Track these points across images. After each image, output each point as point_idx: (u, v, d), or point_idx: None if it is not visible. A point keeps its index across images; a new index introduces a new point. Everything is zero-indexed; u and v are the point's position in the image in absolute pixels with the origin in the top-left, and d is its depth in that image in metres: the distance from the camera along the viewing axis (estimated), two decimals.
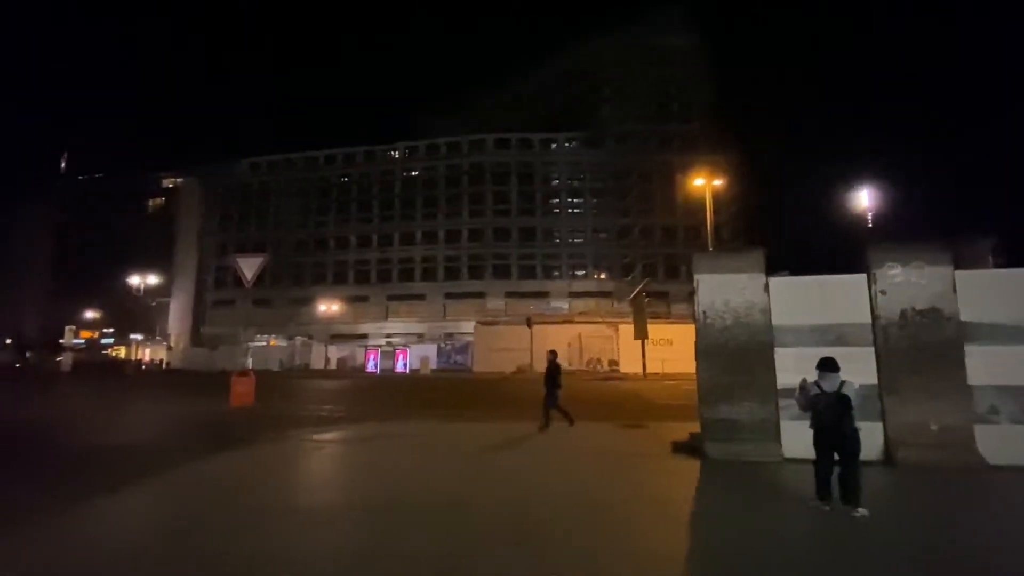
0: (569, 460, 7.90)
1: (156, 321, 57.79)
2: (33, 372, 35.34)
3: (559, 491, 6.12)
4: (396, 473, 7.47)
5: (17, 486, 6.66)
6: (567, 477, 6.86)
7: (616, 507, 5.46)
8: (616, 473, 7.03)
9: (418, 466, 7.86)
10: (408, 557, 4.20)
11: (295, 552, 4.37)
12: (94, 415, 14.31)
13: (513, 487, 6.46)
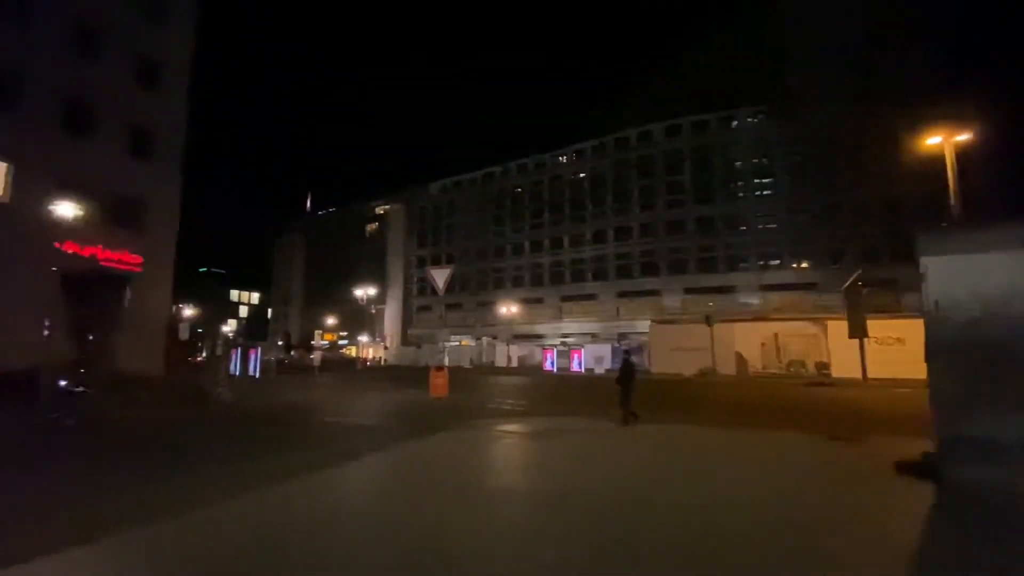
0: (764, 472, 7.12)
1: (375, 325, 69.42)
2: (297, 366, 45.78)
3: (749, 505, 5.57)
4: (575, 465, 7.72)
5: (280, 454, 8.76)
6: (758, 491, 6.20)
7: (816, 532, 4.75)
8: (819, 492, 6.10)
9: (598, 460, 7.98)
10: (583, 543, 4.34)
11: (482, 524, 4.88)
12: (335, 399, 17.92)
13: (698, 493, 6.11)
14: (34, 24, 18.40)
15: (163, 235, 22.44)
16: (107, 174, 20.04)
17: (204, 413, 13.91)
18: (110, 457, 8.62)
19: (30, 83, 18.17)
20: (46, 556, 4.02)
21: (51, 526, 4.96)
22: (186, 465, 7.84)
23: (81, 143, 19.55)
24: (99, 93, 20.21)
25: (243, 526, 4.92)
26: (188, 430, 11.34)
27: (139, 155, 21.65)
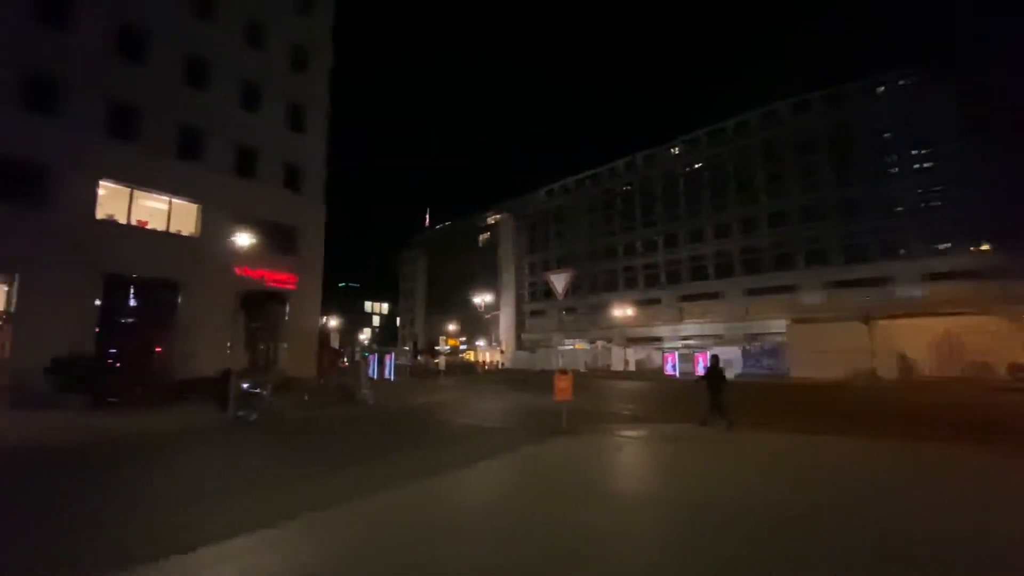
0: (949, 495, 6.04)
1: (491, 330, 72.08)
2: (422, 370, 49.22)
3: (925, 535, 4.76)
4: (705, 472, 7.25)
5: (422, 450, 9.43)
6: (937, 515, 5.27)
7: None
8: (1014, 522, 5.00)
9: (728, 470, 7.42)
10: (726, 556, 4.05)
11: (608, 528, 4.79)
12: (462, 402, 18.92)
13: (863, 516, 5.38)
14: (213, 90, 22.27)
15: (313, 257, 25.65)
16: (268, 207, 23.46)
17: (353, 412, 15.55)
18: (284, 448, 10.03)
19: (213, 138, 22.02)
20: (246, 534, 4.78)
21: (247, 507, 5.88)
22: (347, 457, 8.84)
23: (249, 183, 23.17)
24: (262, 140, 23.81)
25: (395, 517, 5.39)
26: (343, 427, 12.77)
27: (292, 189, 25.07)
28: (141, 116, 19.83)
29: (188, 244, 20.95)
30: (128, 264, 19.04)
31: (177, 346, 20.30)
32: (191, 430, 12.03)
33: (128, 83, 19.45)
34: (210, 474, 7.79)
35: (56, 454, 9.13)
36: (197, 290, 20.83)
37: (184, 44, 21.28)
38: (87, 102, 18.41)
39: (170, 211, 20.79)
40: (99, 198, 18.67)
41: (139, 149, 19.60)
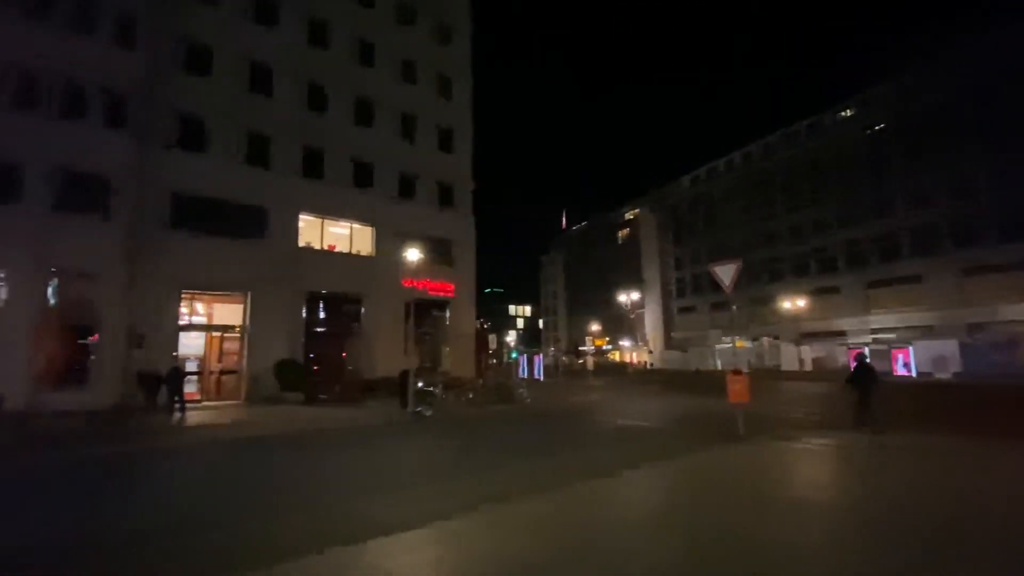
0: None
1: (637, 329, 69.73)
2: (567, 370, 49.59)
3: None
4: (931, 492, 5.93)
5: (585, 450, 9.36)
6: None
7: None
8: None
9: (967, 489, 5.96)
10: None
11: (808, 542, 4.13)
12: (616, 403, 18.53)
13: None
14: (378, 126, 25.34)
15: (466, 266, 27.59)
16: (427, 224, 25.85)
17: (513, 410, 16.26)
18: (459, 442, 10.85)
19: (380, 168, 25.04)
20: (442, 520, 5.19)
21: (432, 497, 6.42)
22: (516, 453, 9.22)
23: (410, 204, 25.83)
24: (419, 165, 26.40)
25: (571, 516, 5.39)
26: (507, 423, 13.41)
27: (445, 205, 27.32)
28: (326, 157, 23.42)
29: (366, 262, 24.08)
30: (323, 283, 22.55)
31: (362, 351, 23.48)
32: (381, 423, 13.72)
33: (315, 131, 23.14)
34: (399, 464, 8.74)
35: (285, 440, 11.13)
36: (375, 302, 23.83)
37: (354, 90, 24.61)
38: (287, 151, 22.35)
39: (351, 235, 24.17)
40: (300, 229, 22.48)
41: (326, 185, 23.17)
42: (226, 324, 21.07)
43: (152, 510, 6.07)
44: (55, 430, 10.87)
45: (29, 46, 17.01)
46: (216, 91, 20.72)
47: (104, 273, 17.44)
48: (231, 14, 21.47)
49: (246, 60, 21.61)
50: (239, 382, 20.58)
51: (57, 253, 16.67)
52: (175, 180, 19.24)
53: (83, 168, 17.42)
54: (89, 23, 18.28)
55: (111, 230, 17.67)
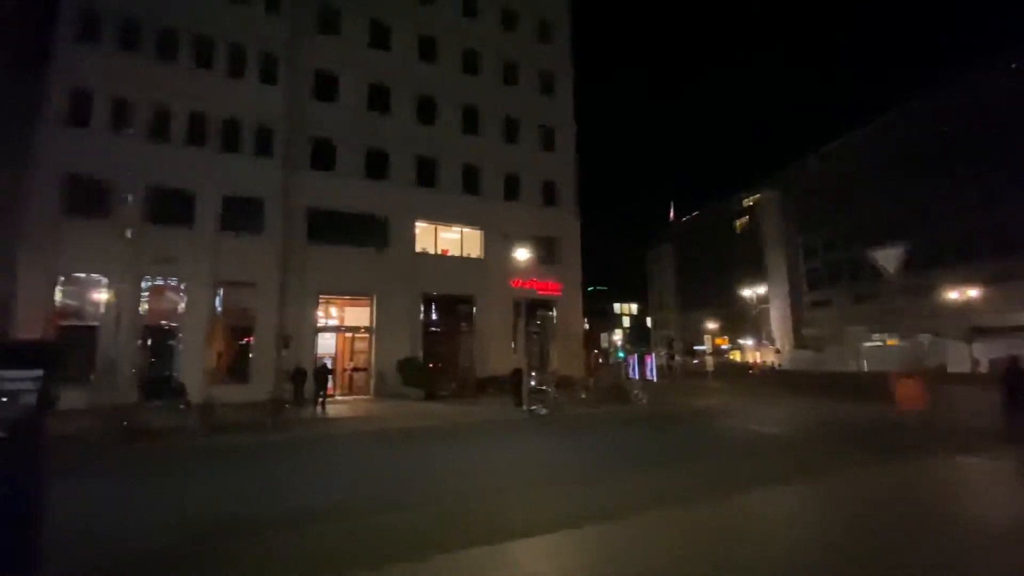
0: None
1: (760, 326, 63.88)
2: (681, 371, 46.81)
3: None
4: None
5: (712, 458, 8.58)
6: None
7: None
8: None
9: None
10: None
11: None
12: (740, 406, 16.99)
13: None
14: (484, 132, 26.10)
15: (572, 264, 27.33)
16: (532, 224, 26.02)
17: (630, 411, 15.65)
18: (580, 443, 10.62)
19: (486, 172, 25.76)
20: (571, 527, 5.00)
21: (566, 501, 6.25)
22: (645, 456, 8.79)
23: (516, 205, 26.21)
24: (522, 166, 26.72)
25: (726, 531, 4.88)
26: (628, 426, 12.91)
27: (549, 204, 27.32)
28: (437, 166, 24.66)
29: (476, 264, 24.92)
30: (437, 285, 23.75)
31: (474, 349, 24.32)
32: (499, 420, 14.01)
33: (427, 142, 24.46)
34: (525, 462, 8.76)
35: (417, 433, 11.78)
36: (485, 302, 24.56)
37: (461, 99, 25.61)
38: (402, 163, 23.90)
39: (462, 239, 25.18)
40: (416, 236, 23.90)
41: (438, 193, 24.39)
42: (355, 325, 23.12)
43: (318, 492, 6.73)
44: (227, 419, 12.67)
45: (195, 91, 20.14)
46: (341, 114, 22.81)
47: (260, 282, 20.09)
48: (351, 43, 23.50)
49: (365, 82, 23.51)
50: (368, 378, 22.46)
51: (223, 266, 19.53)
52: (310, 197, 21.53)
53: (241, 193, 20.23)
54: (240, 66, 21.18)
55: (264, 245, 20.30)
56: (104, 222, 17.81)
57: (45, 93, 18.41)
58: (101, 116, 18.83)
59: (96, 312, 18.09)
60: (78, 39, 18.81)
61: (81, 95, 18.63)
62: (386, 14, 24.32)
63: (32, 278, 17.12)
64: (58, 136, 18.04)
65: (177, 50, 20.18)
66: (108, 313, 17.75)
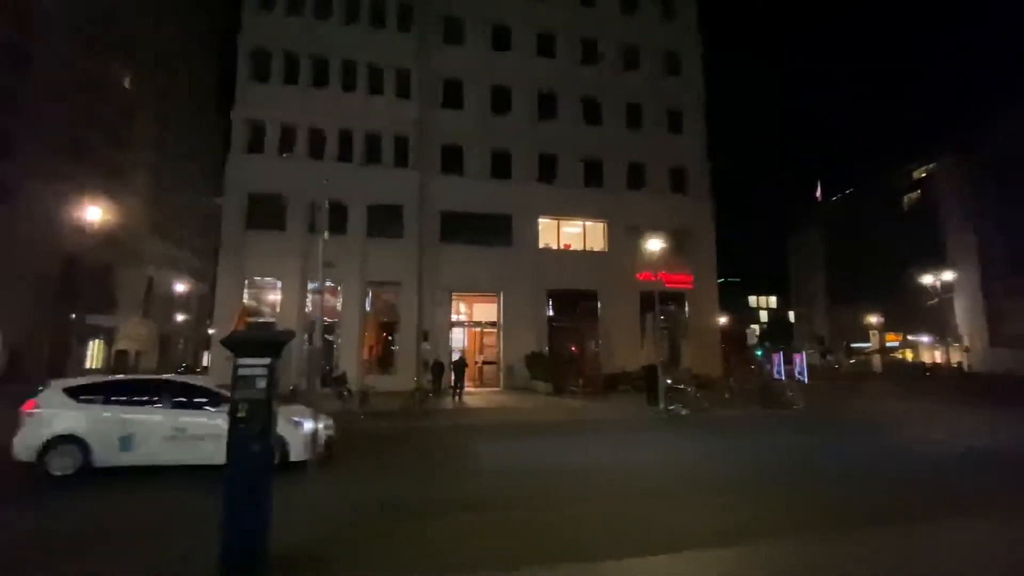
0: None
1: (940, 320, 53.64)
2: (834, 370, 40.99)
3: None
4: None
5: (887, 479, 7.14)
6: None
7: None
8: None
9: None
10: None
11: None
12: (933, 415, 14.21)
13: None
14: (605, 122, 25.38)
15: (705, 254, 25.44)
16: (659, 213, 24.66)
17: (787, 416, 13.98)
18: (726, 446, 9.69)
19: (608, 162, 25.05)
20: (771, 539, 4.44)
21: (738, 508, 5.65)
22: (805, 469, 7.72)
23: (640, 194, 25.11)
24: (647, 153, 25.51)
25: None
26: (790, 431, 11.51)
27: (677, 191, 25.73)
28: (557, 161, 24.59)
29: (599, 258, 24.39)
30: (561, 280, 23.66)
31: (601, 345, 23.83)
32: (634, 419, 13.46)
33: (548, 138, 24.50)
34: (666, 467, 8.20)
35: (556, 428, 11.79)
36: (609, 296, 23.93)
37: (580, 91, 25.23)
38: (524, 161, 24.23)
39: (584, 233, 24.83)
40: (539, 232, 24.09)
41: (558, 187, 24.30)
42: (484, 321, 24.04)
43: (467, 481, 7.00)
44: (380, 406, 13.92)
45: (342, 112, 22.47)
46: (467, 119, 23.82)
47: (403, 282, 21.87)
48: (474, 48, 24.41)
49: (488, 85, 24.26)
50: (497, 371, 23.22)
51: (371, 269, 21.58)
52: (441, 201, 22.81)
53: (383, 201, 22.15)
54: (378, 84, 23.19)
55: (405, 247, 22.04)
56: (276, 233, 20.79)
57: (231, 127, 22.00)
58: (271, 142, 21.92)
59: (273, 310, 21.18)
60: (252, 78, 22.09)
61: (256, 126, 21.87)
62: (505, 15, 24.84)
63: (226, 281, 20.60)
64: (240, 162, 21.40)
65: (328, 77, 22.71)
66: (283, 311, 20.74)
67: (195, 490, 6.17)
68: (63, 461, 6.70)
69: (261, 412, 3.70)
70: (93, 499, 6.03)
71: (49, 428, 6.74)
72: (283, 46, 22.27)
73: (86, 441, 6.76)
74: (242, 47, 22.13)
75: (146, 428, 6.99)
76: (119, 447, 6.85)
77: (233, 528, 3.59)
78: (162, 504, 5.92)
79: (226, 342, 3.87)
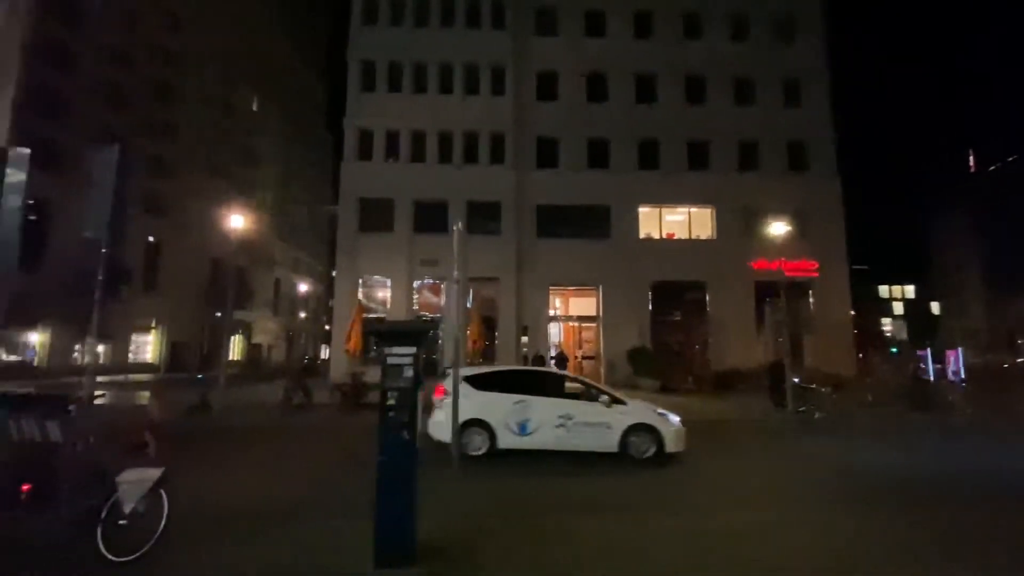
0: None
1: None
2: (1000, 372, 34.60)
3: None
4: None
5: None
6: None
7: None
8: None
9: None
10: None
11: None
12: None
13: None
14: (710, 99, 23.65)
15: (832, 238, 22.74)
16: (775, 194, 22.42)
17: (948, 423, 11.94)
18: (883, 456, 8.40)
19: (715, 143, 23.33)
20: None
21: None
22: (991, 486, 6.38)
23: (754, 175, 23.05)
24: (760, 130, 23.34)
25: None
26: (951, 441, 9.81)
27: (797, 169, 23.24)
28: (658, 146, 23.35)
29: (707, 247, 22.79)
30: (664, 272, 22.41)
31: (709, 340, 22.25)
32: (761, 421, 12.30)
33: (647, 123, 23.35)
34: (815, 478, 7.24)
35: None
36: (719, 287, 22.27)
37: (681, 69, 23.70)
38: (623, 149, 23.31)
39: (689, 220, 23.34)
40: (639, 221, 23.07)
41: (661, 174, 23.07)
42: (583, 315, 23.57)
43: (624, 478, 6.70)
44: None
45: (441, 115, 23.14)
46: (562, 111, 23.44)
47: (501, 277, 22.11)
48: (568, 37, 23.93)
49: (583, 75, 23.67)
50: (596, 367, 22.65)
51: (471, 265, 22.02)
52: (538, 195, 22.68)
53: (481, 198, 22.51)
54: (474, 84, 23.56)
55: (503, 243, 22.25)
56: (385, 234, 22.05)
57: (338, 138, 23.71)
58: (378, 149, 23.23)
59: (384, 307, 22.50)
60: (361, 89, 23.54)
61: (364, 134, 23.29)
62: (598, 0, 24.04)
63: (343, 280, 22.23)
64: (352, 170, 22.93)
65: (427, 82, 23.55)
66: (393, 307, 21.98)
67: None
68: (477, 441, 7.66)
69: (408, 401, 3.71)
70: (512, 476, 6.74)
71: (464, 413, 7.30)
72: (387, 56, 23.45)
73: (491, 425, 7.67)
74: (351, 60, 23.64)
75: (539, 415, 7.69)
76: (518, 431, 7.66)
77: (385, 515, 3.63)
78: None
79: (375, 332, 3.96)
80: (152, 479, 3.74)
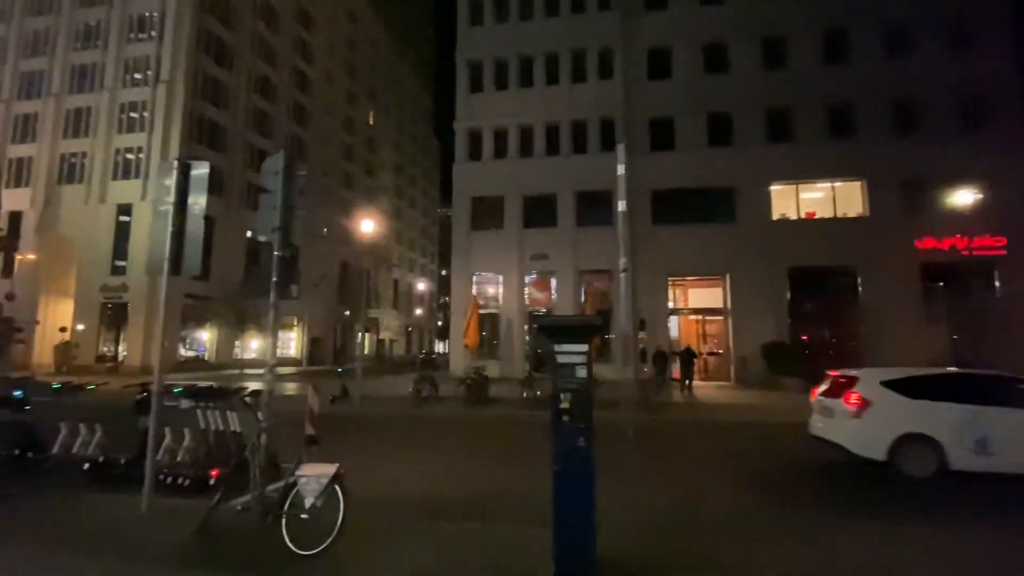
0: None
1: None
2: None
3: None
4: None
5: None
6: None
7: None
8: None
9: None
10: None
11: None
12: None
13: None
14: (854, 55, 20.51)
15: (1022, 208, 18.50)
16: (946, 157, 18.81)
17: None
18: None
19: (863, 105, 20.11)
20: None
21: None
22: None
23: (912, 138, 19.52)
24: (921, 83, 19.75)
25: None
26: None
27: (975, 124, 19.29)
28: (791, 115, 20.76)
29: (857, 225, 19.77)
30: (803, 256, 19.85)
31: (862, 334, 19.29)
32: None
33: (776, 90, 20.87)
34: None
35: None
36: (873, 271, 19.21)
37: (818, 24, 20.86)
38: (748, 122, 21.07)
39: (833, 196, 20.44)
40: (772, 201, 20.70)
41: (796, 146, 20.49)
42: (708, 307, 21.75)
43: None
44: (604, 395, 13.45)
45: (549, 106, 22.73)
46: (677, 88, 21.82)
47: (614, 269, 21.20)
48: (681, 8, 22.19)
49: (699, 46, 21.82)
50: (726, 364, 20.77)
51: (582, 257, 21.48)
52: (652, 180, 21.34)
53: (590, 188, 21.76)
54: (581, 70, 22.84)
55: (614, 233, 21.27)
56: (496, 232, 22.28)
57: (448, 140, 24.40)
58: (488, 148, 23.51)
59: (496, 302, 22.77)
60: (470, 91, 23.98)
61: (474, 135, 23.70)
62: None
63: (458, 277, 22.84)
64: (464, 171, 23.45)
65: (532, 75, 23.29)
66: (504, 302, 22.18)
67: None
68: (920, 462, 6.15)
69: (584, 404, 3.33)
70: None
71: (898, 425, 6.26)
72: (493, 54, 23.63)
73: (939, 441, 6.13)
74: (459, 63, 24.19)
75: (1004, 430, 6.06)
76: (976, 449, 6.07)
77: (562, 526, 3.29)
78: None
79: (543, 328, 3.61)
80: (329, 474, 3.77)
